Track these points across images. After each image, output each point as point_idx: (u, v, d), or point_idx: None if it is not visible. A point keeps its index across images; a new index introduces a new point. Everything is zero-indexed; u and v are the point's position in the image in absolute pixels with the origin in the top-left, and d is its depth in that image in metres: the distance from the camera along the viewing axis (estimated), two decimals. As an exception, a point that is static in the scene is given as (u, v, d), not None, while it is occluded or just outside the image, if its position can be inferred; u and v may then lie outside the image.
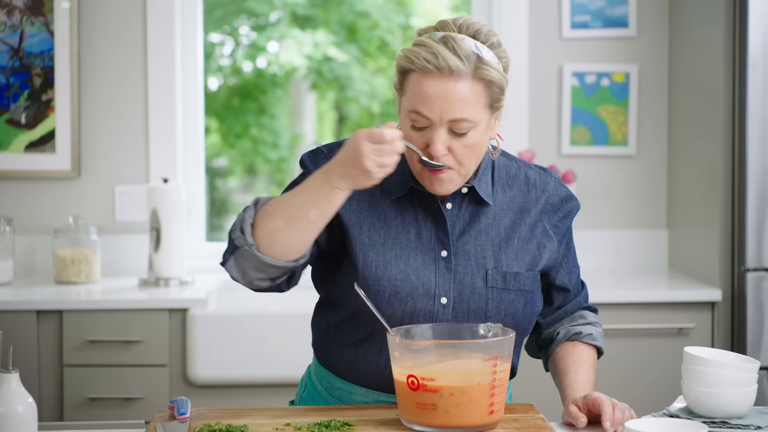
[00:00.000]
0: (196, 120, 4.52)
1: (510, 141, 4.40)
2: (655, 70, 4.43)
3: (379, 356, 2.32)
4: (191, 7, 4.48)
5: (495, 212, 2.34)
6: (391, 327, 2.23)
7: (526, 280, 2.33)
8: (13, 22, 4.27)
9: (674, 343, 3.87)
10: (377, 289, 2.27)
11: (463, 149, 2.20)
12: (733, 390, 2.21)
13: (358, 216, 2.31)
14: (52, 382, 3.83)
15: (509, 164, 2.40)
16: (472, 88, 2.17)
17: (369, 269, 2.28)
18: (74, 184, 4.36)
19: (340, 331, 2.36)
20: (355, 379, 2.36)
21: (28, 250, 4.34)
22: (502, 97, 2.24)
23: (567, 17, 4.40)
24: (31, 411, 2.09)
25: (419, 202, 2.31)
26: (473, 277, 2.30)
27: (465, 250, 2.31)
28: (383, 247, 2.29)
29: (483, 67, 2.18)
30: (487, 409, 2.13)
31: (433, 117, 2.17)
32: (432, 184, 2.24)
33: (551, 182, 2.41)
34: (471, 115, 2.18)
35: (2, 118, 4.29)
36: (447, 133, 2.19)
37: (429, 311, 2.28)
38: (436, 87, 2.16)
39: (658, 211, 4.47)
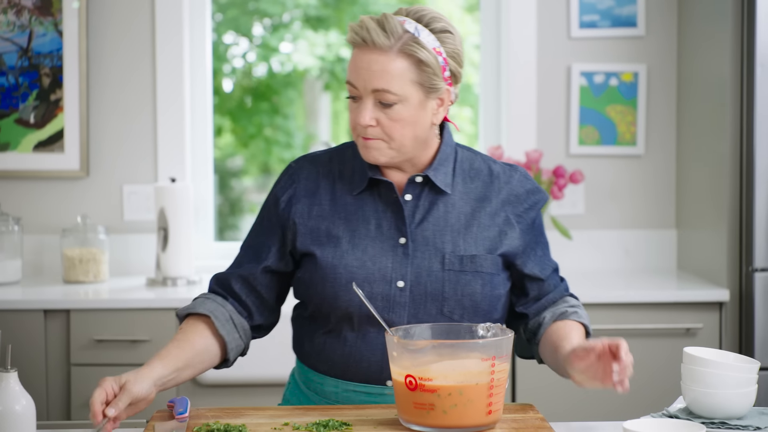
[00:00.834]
0: (204, 119, 4.52)
1: (518, 141, 4.40)
2: (664, 69, 4.42)
3: (343, 346, 2.40)
4: (200, 6, 4.48)
5: (454, 201, 2.43)
6: (351, 311, 2.36)
7: (484, 262, 2.39)
8: (22, 22, 4.28)
9: (682, 343, 3.85)
10: (333, 276, 2.38)
11: (390, 122, 2.33)
12: (733, 391, 2.20)
13: (317, 220, 2.43)
14: (59, 381, 3.84)
15: (473, 158, 2.49)
16: (396, 62, 2.30)
17: (326, 260, 2.39)
18: (83, 183, 4.36)
19: (310, 324, 2.47)
20: (324, 369, 2.44)
21: (37, 250, 4.35)
22: (436, 80, 2.34)
23: (575, 17, 4.39)
24: (29, 410, 2.10)
25: (379, 196, 2.42)
26: (430, 261, 2.38)
27: (423, 237, 2.40)
28: (341, 241, 2.40)
29: (412, 44, 2.31)
30: (485, 409, 2.13)
31: (359, 86, 2.33)
32: (363, 150, 2.38)
33: (516, 175, 2.49)
34: (395, 89, 2.30)
35: (11, 117, 4.30)
36: (374, 104, 2.33)
37: (386, 294, 2.37)
38: (362, 58, 2.32)
39: (666, 211, 4.46)
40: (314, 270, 2.40)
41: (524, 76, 4.41)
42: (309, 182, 2.46)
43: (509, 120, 4.42)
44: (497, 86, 4.54)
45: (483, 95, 4.55)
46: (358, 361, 2.40)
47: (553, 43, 4.42)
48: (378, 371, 2.39)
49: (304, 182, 2.46)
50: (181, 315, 2.45)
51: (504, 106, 4.46)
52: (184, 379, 2.34)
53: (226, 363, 2.46)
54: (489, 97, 4.55)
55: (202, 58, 4.50)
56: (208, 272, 4.38)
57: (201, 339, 2.39)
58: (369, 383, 2.40)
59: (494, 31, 4.53)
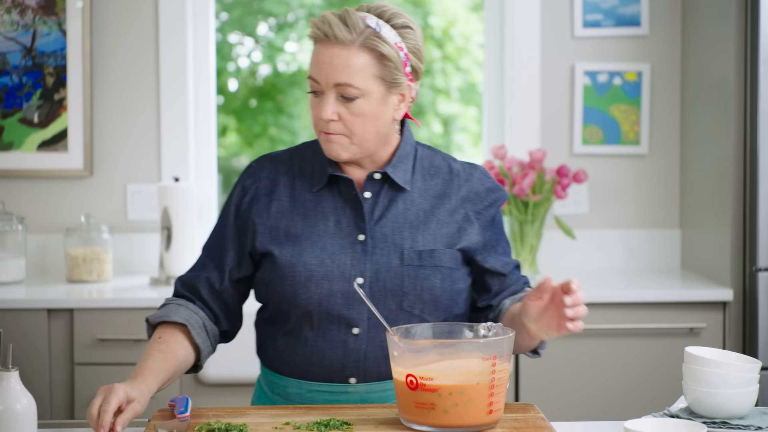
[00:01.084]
0: (208, 118, 4.52)
1: (522, 140, 4.40)
2: (668, 69, 4.41)
3: (304, 346, 2.41)
4: (203, 5, 4.49)
5: (413, 198, 2.44)
6: (311, 309, 2.36)
7: (443, 257, 2.40)
8: (25, 22, 4.28)
9: (685, 343, 3.84)
10: (292, 274, 2.38)
11: (352, 117, 2.34)
12: (734, 390, 2.20)
13: (276, 218, 2.44)
14: (63, 380, 3.84)
15: (433, 156, 2.51)
16: (358, 56, 2.32)
17: (284, 258, 2.40)
18: (86, 183, 4.37)
19: (271, 327, 2.48)
20: (287, 371, 2.45)
21: (41, 249, 4.35)
22: (398, 75, 2.36)
23: (579, 16, 4.39)
24: (30, 409, 2.11)
25: (339, 193, 2.43)
26: (389, 257, 2.39)
27: (382, 233, 2.41)
28: (300, 239, 2.41)
29: (374, 39, 2.33)
30: (486, 408, 2.13)
31: (321, 80, 2.33)
32: (325, 146, 2.38)
33: (475, 174, 2.50)
34: (357, 83, 2.32)
35: (15, 117, 4.30)
36: (336, 99, 2.34)
37: (345, 291, 2.38)
38: (324, 53, 2.33)
39: (670, 210, 4.45)
40: (273, 269, 2.40)
41: (528, 75, 4.40)
42: (269, 181, 2.47)
43: (513, 119, 4.41)
44: (501, 85, 4.53)
45: (486, 94, 4.55)
46: (320, 360, 2.39)
47: (557, 42, 4.42)
48: (340, 369, 2.39)
49: (264, 181, 2.47)
50: (153, 322, 2.45)
51: (507, 105, 4.46)
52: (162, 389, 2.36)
53: (196, 368, 2.48)
54: (493, 97, 4.55)
55: (206, 57, 4.51)
56: (211, 271, 4.38)
57: (182, 350, 2.40)
58: (332, 382, 2.40)
59: (498, 30, 4.53)
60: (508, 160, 4.21)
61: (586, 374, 3.90)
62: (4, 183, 4.34)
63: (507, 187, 4.17)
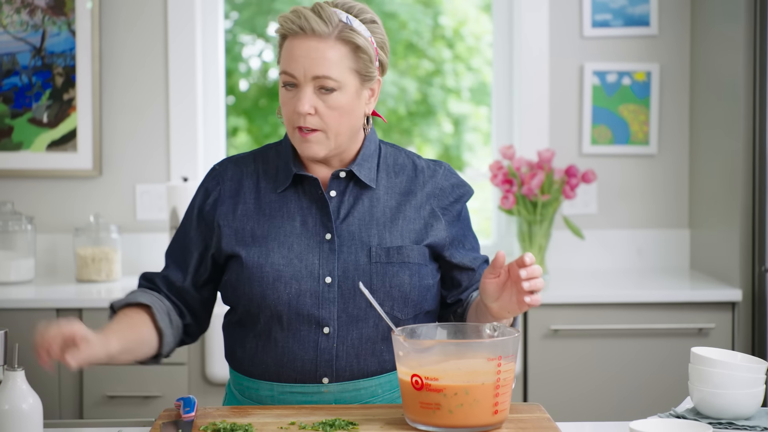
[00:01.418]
0: (216, 118, 4.53)
1: (530, 140, 4.39)
2: (677, 68, 4.41)
3: (275, 347, 2.39)
4: (212, 5, 4.49)
5: (379, 195, 2.44)
6: (280, 309, 2.35)
7: (411, 253, 2.40)
8: (35, 22, 4.29)
9: (694, 343, 3.84)
10: (260, 275, 2.37)
11: (329, 111, 2.33)
12: (740, 391, 2.19)
13: (241, 220, 2.43)
14: (72, 380, 3.85)
15: (397, 154, 2.51)
16: (335, 49, 2.32)
17: (251, 259, 2.38)
18: (95, 182, 4.38)
19: (240, 329, 2.46)
20: (258, 373, 2.43)
21: (50, 249, 4.36)
22: (372, 68, 2.38)
23: (588, 16, 4.38)
24: (36, 408, 2.11)
25: (304, 193, 2.43)
26: (357, 255, 2.39)
27: (349, 231, 2.40)
28: (266, 239, 2.40)
29: (349, 31, 2.33)
30: (491, 408, 2.13)
31: (298, 74, 2.32)
32: (301, 145, 2.36)
33: (440, 170, 2.50)
34: (335, 75, 2.32)
35: (24, 117, 4.31)
36: (313, 92, 2.33)
37: (314, 291, 2.37)
38: (300, 46, 2.32)
39: (679, 210, 4.45)
40: (240, 271, 2.39)
41: (537, 75, 4.40)
42: (233, 183, 2.46)
43: (522, 119, 4.41)
44: (510, 85, 4.53)
45: (495, 94, 4.55)
46: (292, 362, 2.38)
47: (566, 42, 4.41)
48: (312, 370, 2.38)
49: (228, 183, 2.46)
50: (117, 306, 2.43)
51: (516, 105, 4.46)
52: (118, 362, 2.31)
53: (157, 359, 2.44)
54: (501, 97, 4.55)
55: (215, 57, 4.51)
56: (220, 271, 4.39)
57: (146, 328, 2.38)
58: (305, 383, 2.39)
59: (507, 30, 4.53)
60: (516, 160, 4.21)
61: (595, 374, 3.89)
62: (14, 183, 4.35)
63: (515, 187, 4.17)
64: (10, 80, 4.30)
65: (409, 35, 7.72)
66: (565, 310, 3.87)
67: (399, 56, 8.08)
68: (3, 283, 4.11)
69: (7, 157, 4.31)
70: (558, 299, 3.86)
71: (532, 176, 4.14)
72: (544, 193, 4.17)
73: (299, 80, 2.32)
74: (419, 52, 7.98)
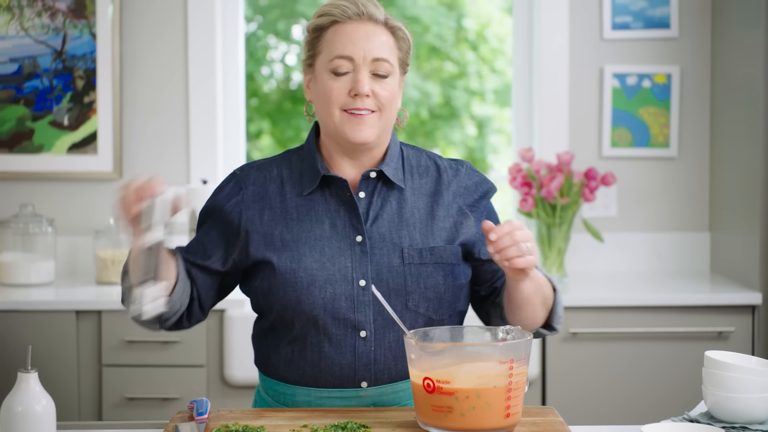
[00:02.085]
0: (237, 121, 4.54)
1: (550, 142, 4.39)
2: (697, 71, 4.39)
3: (311, 352, 2.38)
4: (232, 7, 4.50)
5: (407, 196, 2.43)
6: (316, 314, 2.34)
7: (443, 253, 2.40)
8: (56, 25, 4.31)
9: (713, 347, 3.83)
10: (294, 280, 2.35)
11: (383, 92, 2.35)
12: (754, 395, 2.18)
13: (269, 225, 2.40)
14: (91, 381, 3.86)
15: (419, 155, 2.51)
16: (387, 35, 2.36)
17: (284, 264, 2.37)
18: (116, 185, 4.39)
19: (274, 334, 2.44)
20: (295, 379, 2.41)
21: (70, 251, 4.38)
22: (408, 60, 2.42)
23: (608, 18, 4.37)
24: (49, 410, 2.12)
25: (331, 195, 2.41)
26: (389, 257, 2.37)
27: (380, 233, 2.39)
28: (296, 244, 2.38)
29: (393, 21, 2.38)
30: (503, 412, 2.12)
31: (357, 56, 2.33)
32: (353, 129, 2.35)
33: (462, 169, 2.50)
34: (390, 58, 2.35)
35: (45, 119, 4.33)
36: (369, 75, 2.34)
37: (349, 294, 2.36)
38: (358, 29, 2.34)
39: (699, 213, 4.43)
40: (273, 277, 2.37)
41: (556, 77, 4.40)
42: (256, 188, 2.43)
43: (541, 122, 4.40)
44: (530, 88, 4.53)
45: (515, 97, 4.54)
46: (330, 366, 2.37)
47: (586, 44, 4.40)
48: (351, 374, 2.37)
49: (251, 188, 2.43)
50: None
51: (536, 107, 4.45)
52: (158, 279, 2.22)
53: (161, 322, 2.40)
54: (521, 99, 4.54)
55: (235, 59, 4.52)
56: (240, 274, 4.40)
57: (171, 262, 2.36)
58: (343, 387, 2.38)
59: (527, 32, 4.52)
60: (535, 163, 4.21)
61: (613, 378, 3.88)
62: (35, 185, 4.37)
63: (534, 190, 4.17)
64: (31, 83, 4.32)
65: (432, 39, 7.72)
66: (583, 313, 3.87)
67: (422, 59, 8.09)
68: (23, 285, 4.13)
69: (28, 159, 4.34)
70: (577, 302, 3.85)
71: (551, 179, 4.13)
72: (564, 195, 4.16)
73: (357, 62, 2.33)
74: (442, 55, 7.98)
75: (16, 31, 4.31)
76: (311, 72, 2.41)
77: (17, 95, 4.32)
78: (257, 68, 7.39)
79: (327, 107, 2.35)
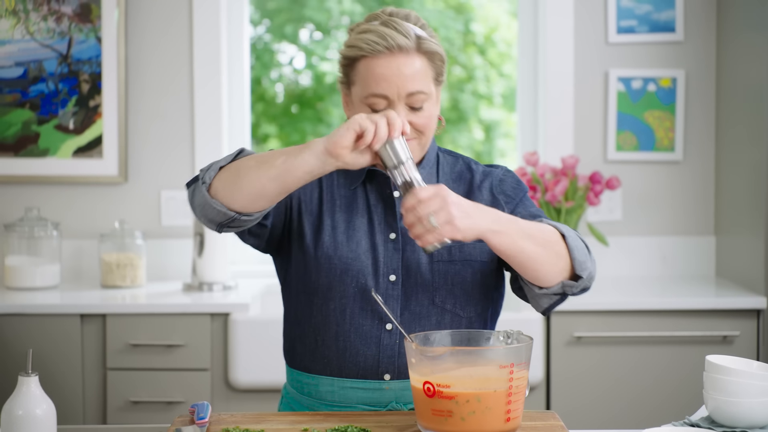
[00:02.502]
0: (242, 125, 4.54)
1: (555, 146, 4.38)
2: (703, 75, 4.39)
3: (336, 341, 2.40)
4: (237, 11, 4.51)
5: None
6: (344, 302, 2.37)
7: (473, 251, 2.41)
8: (61, 29, 4.32)
9: (718, 351, 3.82)
10: (329, 267, 2.39)
11: (421, 121, 2.34)
12: (755, 399, 2.18)
13: (318, 204, 2.44)
14: (96, 385, 3.87)
15: (454, 161, 2.52)
16: (419, 61, 2.32)
17: (321, 249, 2.40)
18: (121, 189, 4.40)
19: (300, 325, 2.45)
20: (319, 369, 2.43)
21: (75, 255, 4.38)
22: (444, 70, 2.39)
23: (613, 22, 4.37)
24: (50, 414, 2.12)
25: (371, 190, 2.45)
26: (419, 254, 2.40)
27: None
28: (336, 231, 2.42)
29: (424, 41, 2.33)
30: (503, 416, 2.12)
31: (391, 94, 2.31)
32: None
33: (497, 171, 2.50)
34: (424, 87, 2.32)
35: (51, 123, 4.34)
36: (406, 108, 2.32)
37: (380, 288, 2.39)
38: (389, 65, 2.30)
39: (705, 217, 4.42)
40: (309, 259, 2.41)
41: (561, 81, 4.39)
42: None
43: (546, 125, 4.40)
44: (534, 92, 4.52)
45: (521, 100, 4.54)
46: (354, 356, 2.39)
47: (591, 48, 4.40)
48: (374, 365, 2.39)
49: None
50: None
51: (541, 111, 4.45)
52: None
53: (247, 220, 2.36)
54: (526, 103, 4.54)
55: (240, 63, 4.53)
56: (246, 277, 4.41)
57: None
58: (366, 378, 2.39)
59: (531, 36, 4.52)
60: (540, 167, 4.20)
61: (618, 382, 3.87)
62: (40, 189, 4.38)
63: (539, 194, 4.16)
64: (37, 87, 4.33)
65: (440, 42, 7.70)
66: (588, 317, 3.86)
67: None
68: (29, 289, 4.14)
69: (34, 163, 4.34)
70: (581, 306, 3.84)
71: (555, 183, 4.13)
72: (568, 199, 4.16)
73: (392, 99, 2.31)
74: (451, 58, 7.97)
75: (21, 35, 4.32)
76: (348, 93, 2.40)
77: (23, 99, 4.33)
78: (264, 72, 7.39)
79: None
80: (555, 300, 2.34)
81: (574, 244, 2.29)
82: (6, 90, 4.33)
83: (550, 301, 2.34)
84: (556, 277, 2.29)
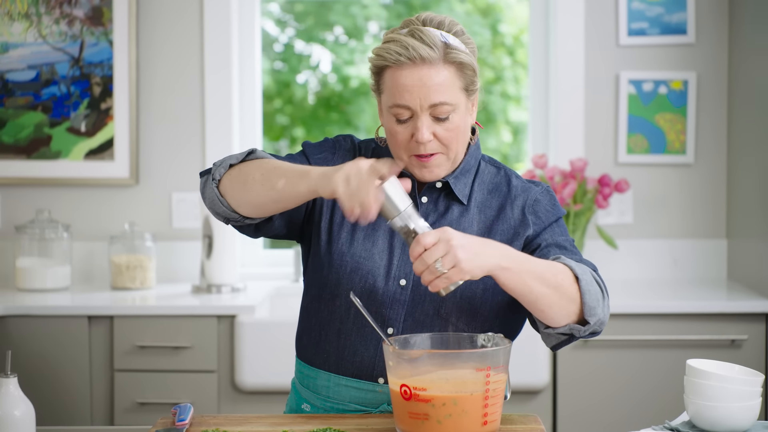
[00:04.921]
0: (253, 127, 4.55)
1: (566, 149, 4.37)
2: (714, 77, 4.36)
3: (338, 338, 2.40)
4: (249, 14, 4.52)
5: (471, 209, 2.41)
6: (350, 300, 2.34)
7: None
8: (73, 32, 4.35)
9: (726, 355, 3.79)
10: (340, 263, 2.38)
11: (446, 133, 2.31)
12: (735, 404, 2.16)
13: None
14: (103, 386, 3.89)
15: (496, 172, 2.47)
16: (445, 72, 2.28)
17: (336, 245, 2.40)
18: (132, 191, 4.42)
19: (308, 316, 2.46)
20: (319, 363, 2.43)
21: (86, 257, 4.41)
22: (476, 80, 2.35)
23: (624, 24, 4.35)
24: (29, 415, 2.13)
25: None
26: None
27: None
28: (354, 228, 2.41)
29: (452, 51, 2.29)
30: (480, 419, 2.11)
31: (414, 105, 2.28)
32: (422, 171, 2.35)
33: (534, 189, 2.45)
34: (449, 98, 2.28)
35: (63, 126, 4.37)
36: (430, 119, 2.29)
37: (388, 291, 2.36)
38: (412, 76, 2.27)
39: (716, 220, 4.39)
40: (323, 253, 2.41)
41: (572, 83, 4.38)
42: (343, 161, 2.42)
43: (557, 128, 4.39)
44: (545, 94, 4.51)
45: (531, 103, 4.53)
46: (352, 355, 2.38)
47: (601, 50, 4.38)
48: (370, 367, 2.38)
49: (340, 159, 2.45)
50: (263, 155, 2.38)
51: (552, 114, 4.44)
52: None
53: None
54: (537, 105, 4.53)
55: (252, 65, 4.54)
56: (256, 280, 4.42)
57: None
58: (361, 378, 2.38)
59: (542, 38, 4.51)
60: (549, 170, 4.19)
61: (626, 385, 3.85)
62: (51, 191, 4.41)
63: (547, 196, 4.15)
64: (48, 90, 4.36)
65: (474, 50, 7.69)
66: (594, 320, 3.84)
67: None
68: (39, 290, 4.16)
69: (46, 165, 4.37)
70: (587, 309, 3.82)
71: (564, 185, 4.12)
72: (577, 202, 4.14)
73: (415, 110, 2.28)
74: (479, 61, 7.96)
75: (34, 38, 4.36)
76: (379, 100, 2.38)
77: (35, 102, 4.36)
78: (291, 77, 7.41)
79: (394, 148, 2.36)
80: (562, 340, 2.30)
81: (587, 288, 2.25)
82: (18, 93, 4.36)
83: (557, 340, 2.30)
84: (564, 320, 2.25)
